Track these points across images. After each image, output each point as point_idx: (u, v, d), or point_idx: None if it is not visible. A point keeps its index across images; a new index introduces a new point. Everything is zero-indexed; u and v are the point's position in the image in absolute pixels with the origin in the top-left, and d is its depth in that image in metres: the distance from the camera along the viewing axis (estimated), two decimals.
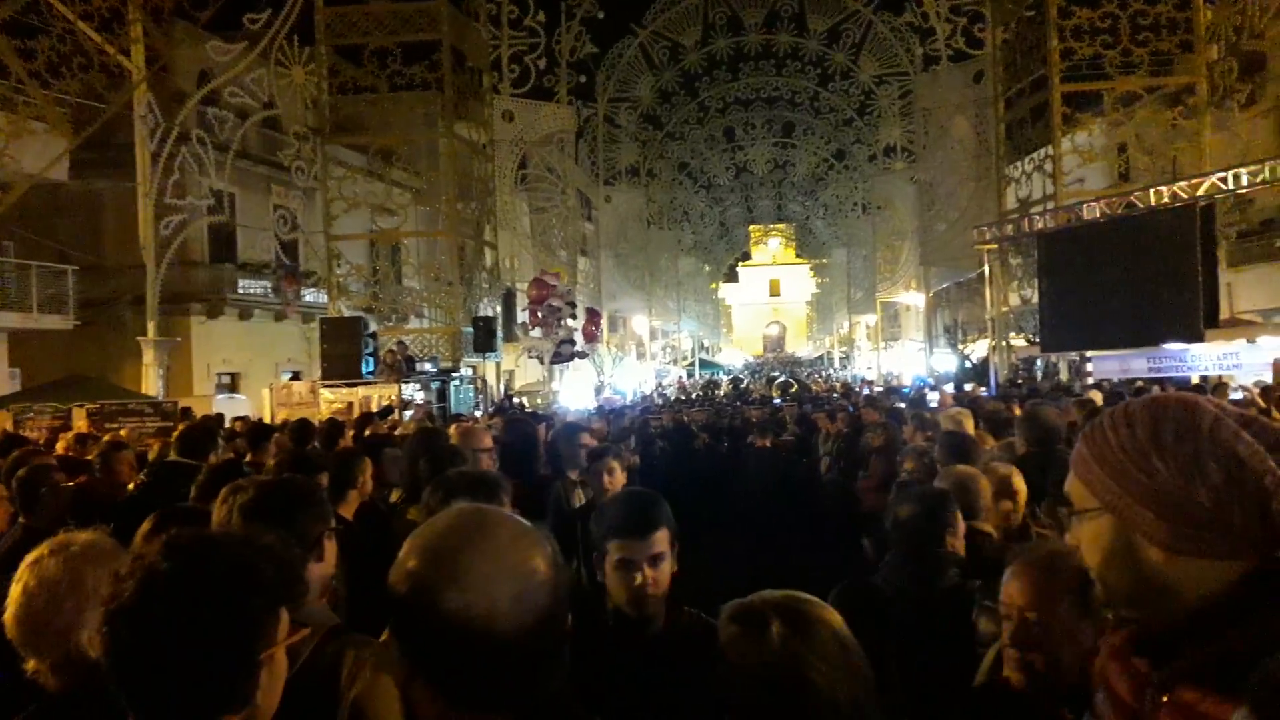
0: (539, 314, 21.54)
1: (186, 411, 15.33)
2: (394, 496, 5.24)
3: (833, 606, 1.85)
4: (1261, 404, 8.78)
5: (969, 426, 6.30)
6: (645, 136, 36.12)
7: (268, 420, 14.32)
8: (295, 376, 22.22)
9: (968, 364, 27.03)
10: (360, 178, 22.06)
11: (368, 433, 9.12)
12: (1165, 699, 1.20)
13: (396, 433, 9.39)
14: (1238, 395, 11.68)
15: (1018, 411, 7.56)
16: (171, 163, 18.09)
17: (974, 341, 31.97)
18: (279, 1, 19.83)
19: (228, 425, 11.98)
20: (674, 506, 2.72)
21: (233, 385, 23.54)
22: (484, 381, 22.02)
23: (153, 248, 18.10)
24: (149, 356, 18.12)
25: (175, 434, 6.36)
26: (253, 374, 23.25)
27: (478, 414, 16.48)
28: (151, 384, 18.06)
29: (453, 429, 6.39)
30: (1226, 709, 1.10)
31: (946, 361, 31.21)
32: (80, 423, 14.45)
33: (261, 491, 2.40)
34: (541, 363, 24.69)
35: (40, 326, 19.31)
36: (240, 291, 23.26)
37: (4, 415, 14.48)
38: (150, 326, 18.21)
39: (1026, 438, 5.29)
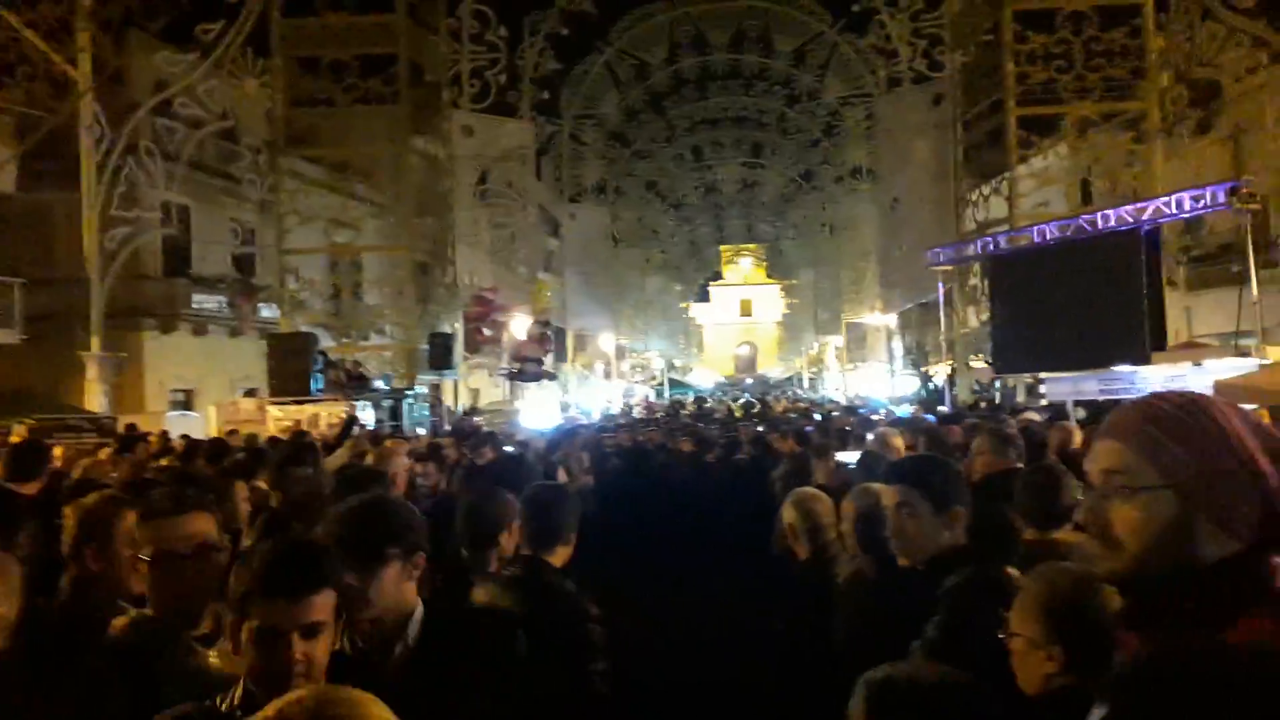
0: (483, 330, 21.28)
1: (130, 429, 15.03)
2: None
3: None
4: None
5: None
6: (612, 154, 36.09)
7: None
8: (251, 393, 21.81)
9: (931, 385, 27.07)
10: (316, 191, 21.77)
11: None
12: None
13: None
14: None
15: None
16: (118, 174, 17.76)
17: (936, 364, 32.05)
18: (234, 13, 19.63)
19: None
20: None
21: (187, 402, 23.01)
22: (439, 399, 21.68)
23: (96, 260, 17.75)
24: (92, 372, 17.74)
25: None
26: (207, 391, 22.68)
27: (420, 431, 16.22)
28: (95, 400, 17.68)
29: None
30: None
31: (909, 384, 31.23)
32: (18, 439, 14.13)
33: None
34: (510, 379, 24.46)
35: None
36: (195, 306, 22.69)
37: None
38: (94, 341, 17.83)
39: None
